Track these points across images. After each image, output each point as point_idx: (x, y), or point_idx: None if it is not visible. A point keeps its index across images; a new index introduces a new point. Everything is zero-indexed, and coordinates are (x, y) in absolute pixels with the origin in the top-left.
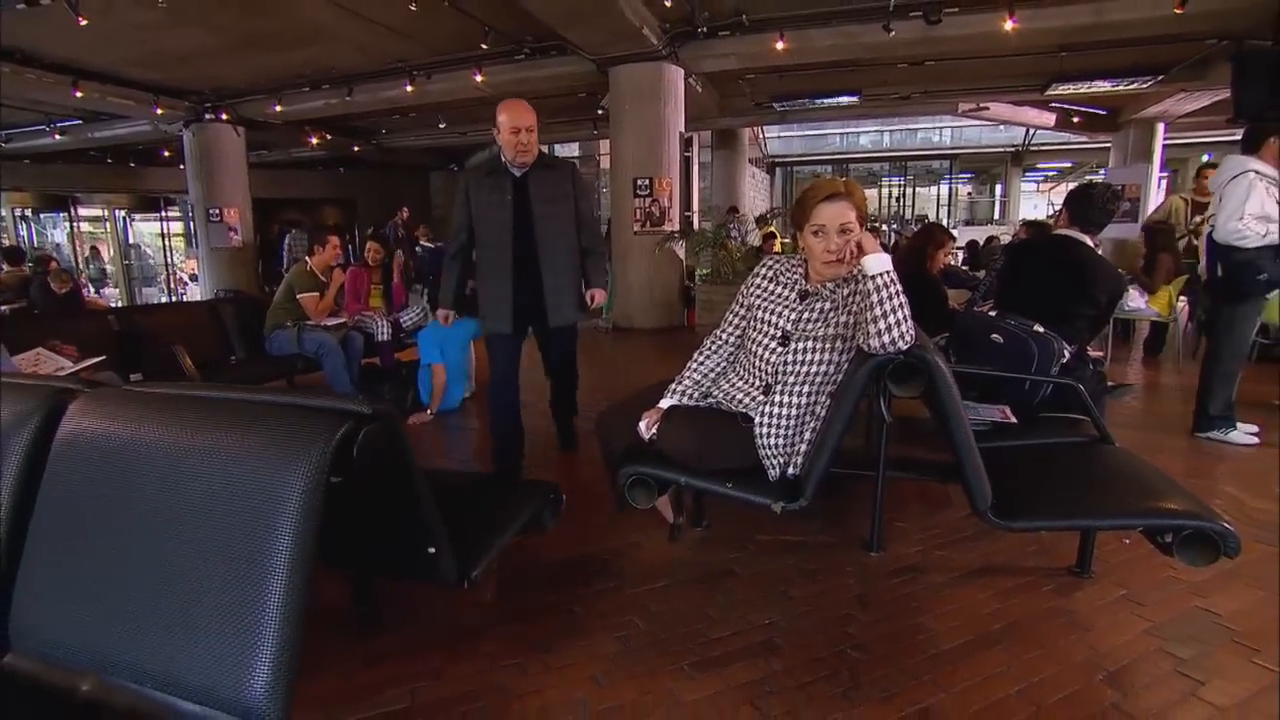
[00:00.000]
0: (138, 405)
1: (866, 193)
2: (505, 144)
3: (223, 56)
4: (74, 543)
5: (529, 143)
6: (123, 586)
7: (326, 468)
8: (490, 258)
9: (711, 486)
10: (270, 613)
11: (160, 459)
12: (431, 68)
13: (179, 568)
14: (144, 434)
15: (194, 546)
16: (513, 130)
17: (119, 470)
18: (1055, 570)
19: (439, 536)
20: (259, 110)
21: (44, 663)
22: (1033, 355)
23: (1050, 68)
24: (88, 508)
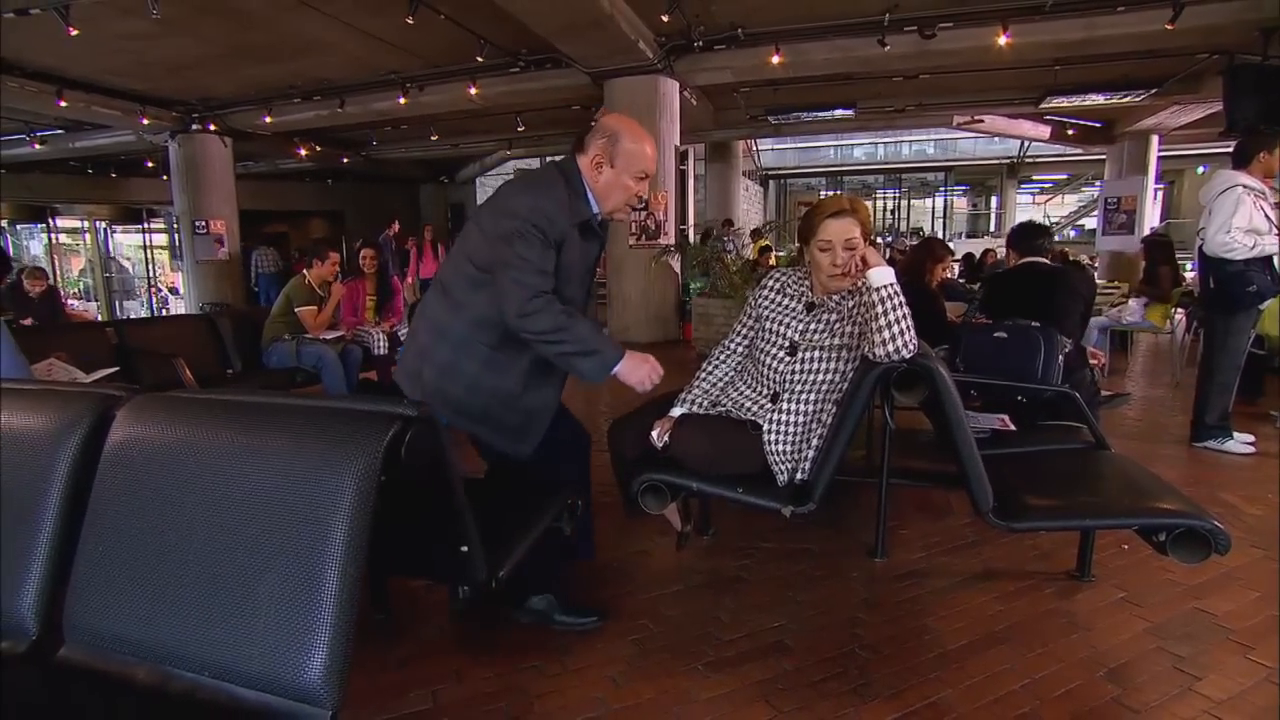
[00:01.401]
0: (186, 410)
1: None
2: (624, 195)
3: (211, 67)
4: (128, 540)
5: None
6: (177, 581)
7: (379, 467)
8: None
9: (723, 492)
10: (326, 602)
11: (212, 460)
12: (425, 80)
13: (233, 562)
14: (195, 436)
15: (248, 542)
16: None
17: (171, 470)
18: (1056, 575)
19: (472, 536)
20: (248, 121)
21: (100, 654)
22: (1037, 342)
23: (1045, 81)
24: (140, 507)
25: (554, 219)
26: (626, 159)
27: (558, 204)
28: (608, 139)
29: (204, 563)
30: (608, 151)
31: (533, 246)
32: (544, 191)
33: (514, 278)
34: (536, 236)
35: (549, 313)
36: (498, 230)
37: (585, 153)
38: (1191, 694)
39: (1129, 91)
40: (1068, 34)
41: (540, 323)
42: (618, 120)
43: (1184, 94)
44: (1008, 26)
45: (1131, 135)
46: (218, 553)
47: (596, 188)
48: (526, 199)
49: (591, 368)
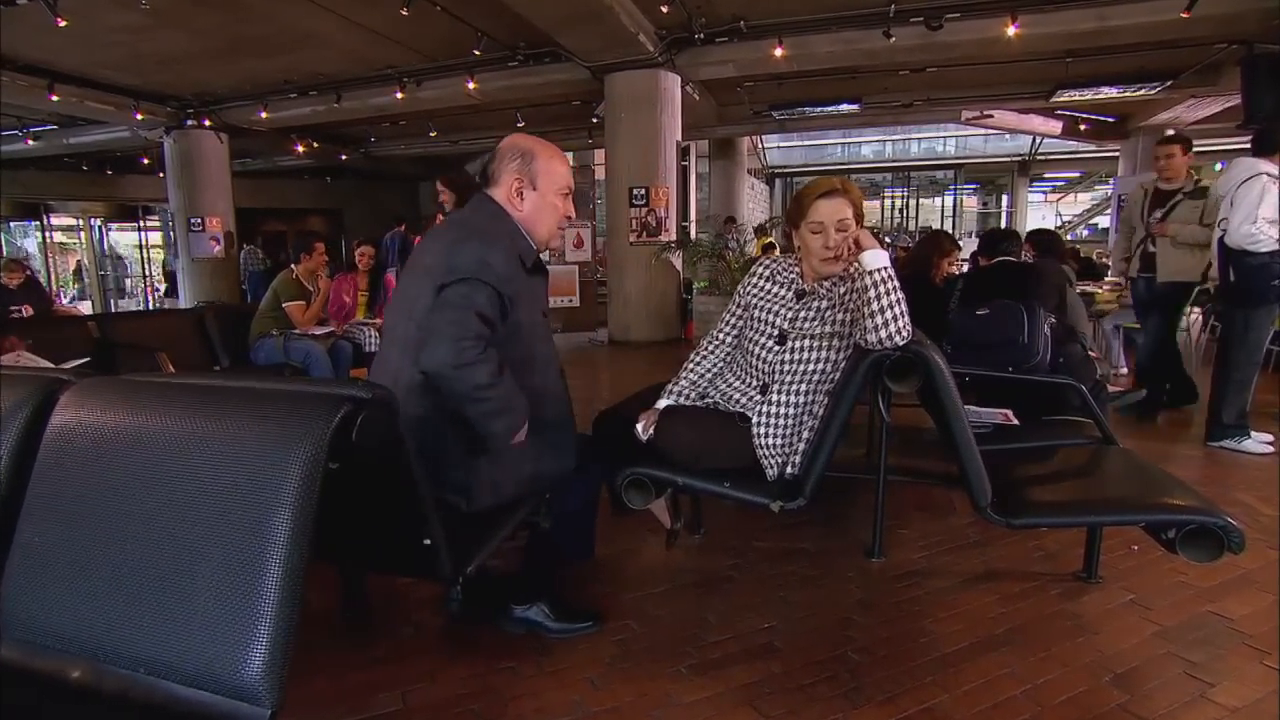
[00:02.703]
0: (131, 394)
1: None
2: (554, 216)
3: (206, 61)
4: (66, 531)
5: None
6: (116, 573)
7: (325, 451)
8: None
9: (709, 486)
10: (267, 596)
11: (154, 446)
12: (422, 74)
13: (174, 553)
14: (138, 422)
15: (190, 532)
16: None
17: (112, 458)
18: (1061, 576)
19: (435, 528)
20: (244, 117)
21: (34, 651)
22: (1019, 313)
23: (1056, 74)
24: (80, 496)
25: (506, 275)
26: (547, 177)
27: (506, 254)
28: (520, 160)
29: (143, 553)
30: (524, 173)
31: (476, 294)
32: (491, 242)
33: (452, 319)
34: (483, 287)
35: (490, 364)
36: (435, 286)
37: (498, 185)
38: (1204, 701)
39: (1143, 84)
40: (1079, 24)
41: (479, 374)
42: (521, 139)
43: (1200, 86)
44: (1016, 17)
45: (1146, 130)
46: (157, 542)
47: (523, 218)
48: (471, 253)
49: (504, 428)
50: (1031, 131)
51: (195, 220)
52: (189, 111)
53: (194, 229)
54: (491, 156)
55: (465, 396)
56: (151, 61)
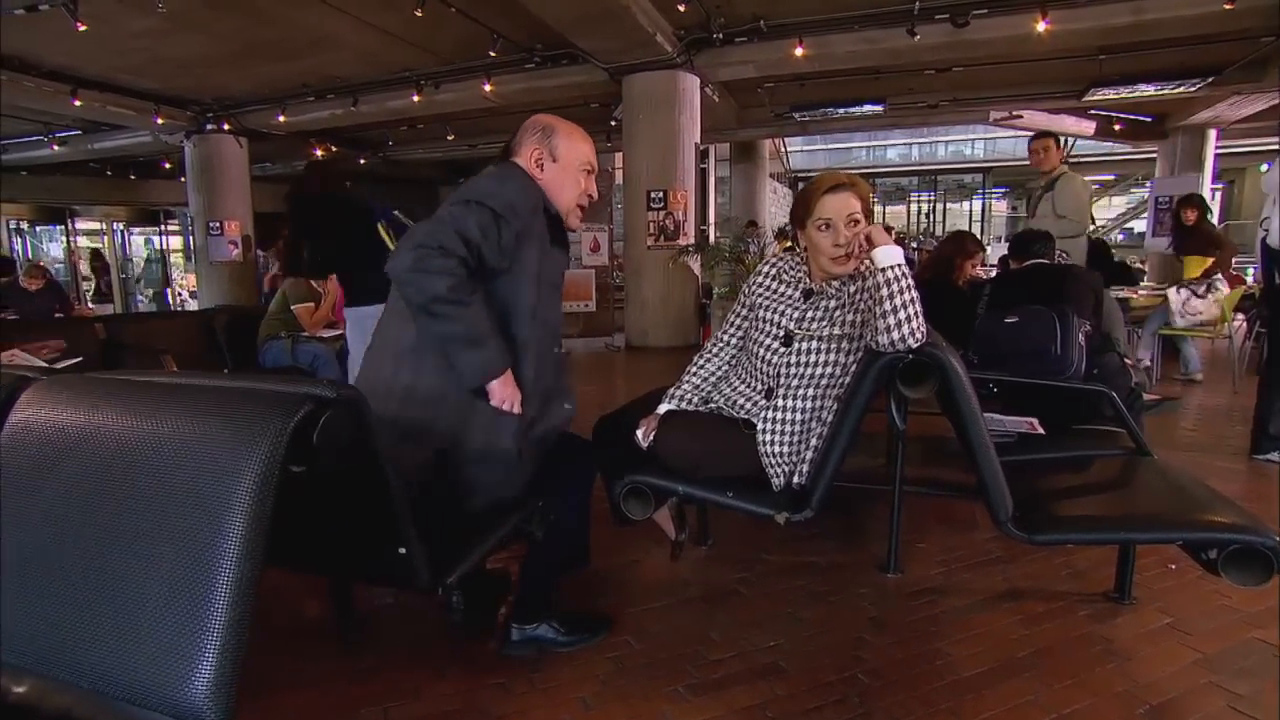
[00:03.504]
0: (92, 392)
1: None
2: (575, 190)
3: (224, 65)
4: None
5: None
6: (64, 582)
7: (281, 454)
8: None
9: (711, 496)
10: (216, 609)
11: (107, 444)
12: (439, 77)
13: (123, 562)
14: (93, 419)
15: (140, 539)
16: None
17: (62, 459)
18: (1091, 596)
19: (410, 537)
20: (262, 120)
21: None
22: (1051, 321)
23: (1088, 72)
24: (29, 499)
25: (515, 204)
26: (568, 151)
27: (519, 189)
28: (540, 133)
29: (90, 559)
30: (545, 146)
31: (468, 215)
32: (502, 178)
33: (427, 229)
34: (480, 210)
35: (453, 278)
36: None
37: (519, 155)
38: None
39: (1182, 81)
40: (1113, 19)
41: (437, 284)
42: (543, 117)
43: (1244, 82)
44: (1047, 12)
45: (1185, 130)
46: (104, 548)
47: (545, 184)
48: (482, 184)
49: (471, 363)
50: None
51: (214, 224)
52: (209, 116)
53: (213, 233)
54: (512, 134)
55: (422, 309)
56: (171, 66)
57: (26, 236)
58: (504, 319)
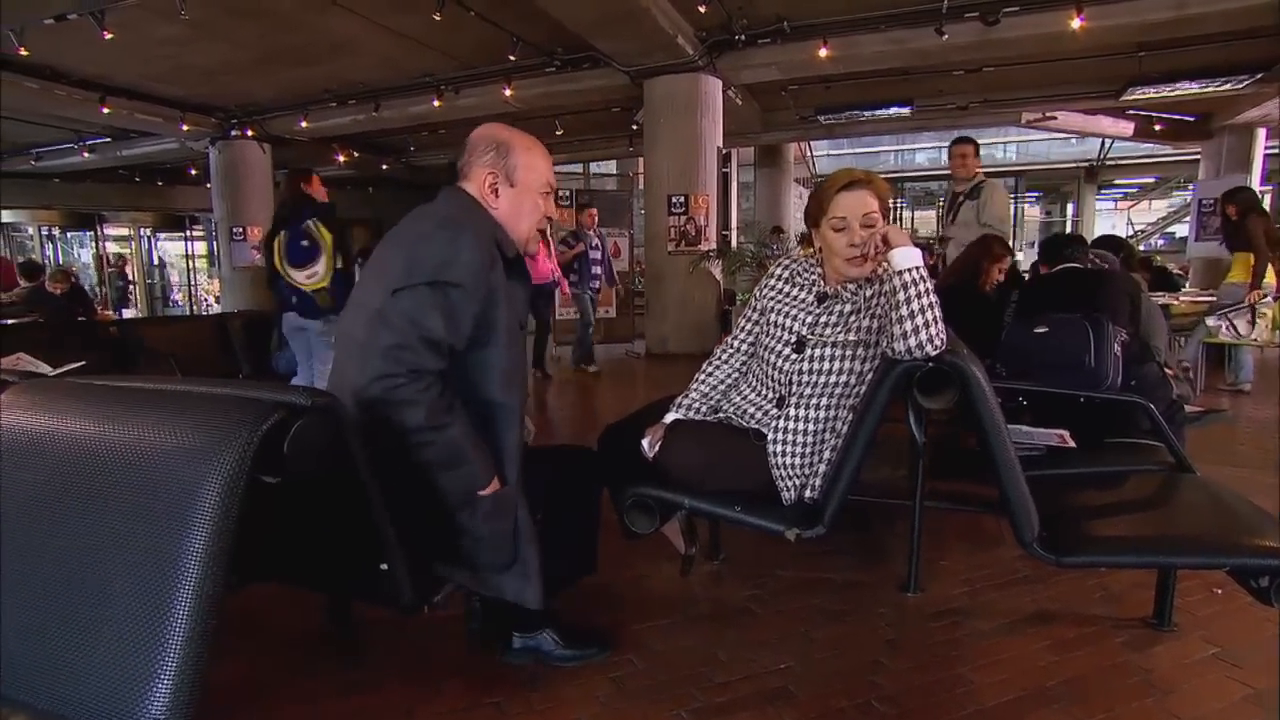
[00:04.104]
0: (64, 397)
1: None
2: (534, 216)
3: (247, 71)
4: None
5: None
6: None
7: (248, 464)
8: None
9: (718, 510)
10: (176, 622)
11: (74, 452)
12: (459, 82)
13: (83, 576)
14: (62, 426)
15: (98, 548)
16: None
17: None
18: (1127, 621)
19: (393, 552)
20: (285, 126)
21: None
22: (1084, 331)
23: (1126, 70)
24: None
25: (474, 269)
26: (526, 172)
27: (473, 245)
28: (495, 152)
29: (49, 574)
30: (501, 168)
31: (429, 308)
32: (453, 238)
33: (390, 343)
34: (438, 293)
35: (424, 404)
36: (391, 288)
37: (469, 179)
38: None
39: (1229, 78)
40: (1153, 14)
41: (409, 416)
42: (497, 129)
43: None
44: (1082, 9)
45: (1232, 129)
46: (66, 560)
47: (500, 215)
48: (433, 252)
49: (453, 482)
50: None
51: (237, 229)
52: (233, 122)
53: (236, 238)
54: (462, 149)
55: (399, 437)
56: (196, 73)
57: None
58: (477, 387)
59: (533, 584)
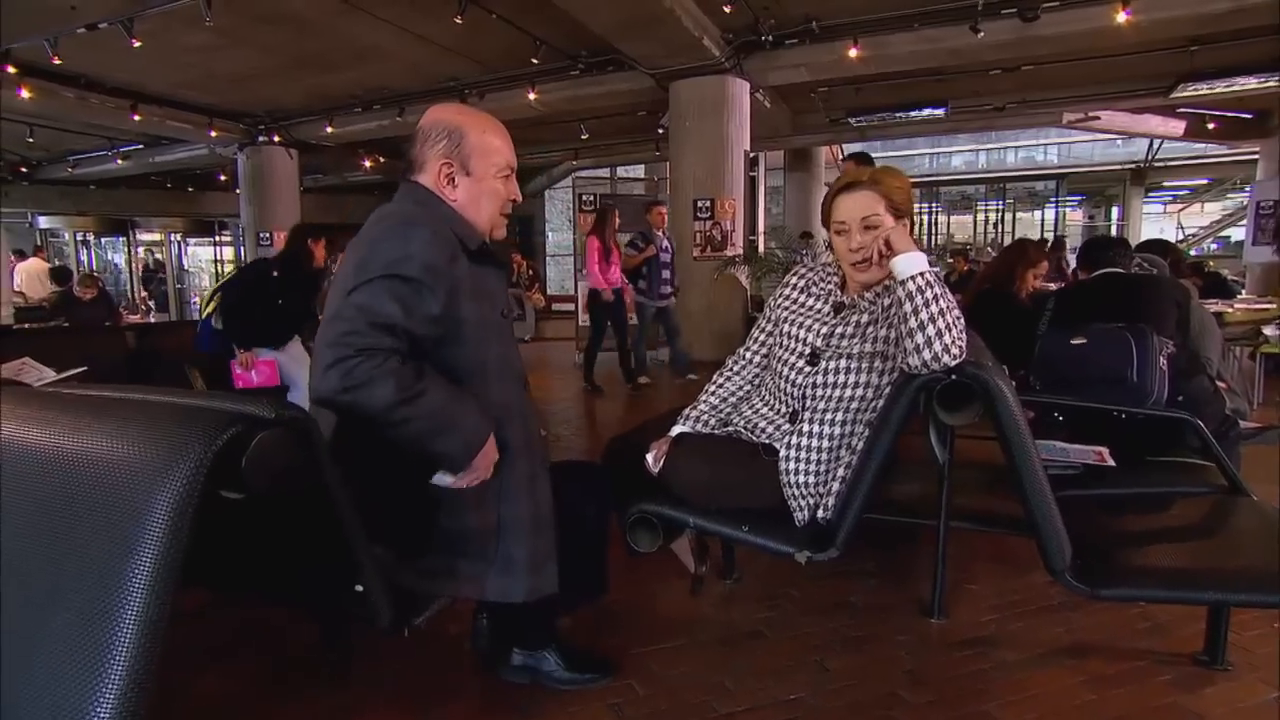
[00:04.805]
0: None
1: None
2: (495, 203)
3: (274, 77)
4: None
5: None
6: None
7: (201, 480)
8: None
9: (724, 530)
10: (118, 649)
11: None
12: (483, 86)
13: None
14: (15, 436)
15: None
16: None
17: None
18: (1174, 656)
19: (368, 573)
20: (311, 132)
21: None
22: (1126, 343)
23: (1177, 66)
24: None
25: (430, 263)
26: (483, 157)
27: (429, 239)
28: (448, 140)
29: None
30: (455, 155)
31: (379, 296)
32: (405, 232)
33: (339, 331)
34: (391, 284)
35: (391, 377)
36: (345, 289)
37: (424, 171)
38: None
39: None
40: (1207, 5)
41: (380, 393)
42: (446, 112)
43: None
44: (1129, 2)
45: None
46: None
47: (459, 206)
48: (383, 249)
49: (452, 449)
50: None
51: (264, 235)
52: (260, 128)
53: (262, 243)
54: (412, 139)
55: (381, 424)
56: (224, 80)
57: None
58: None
59: (517, 580)
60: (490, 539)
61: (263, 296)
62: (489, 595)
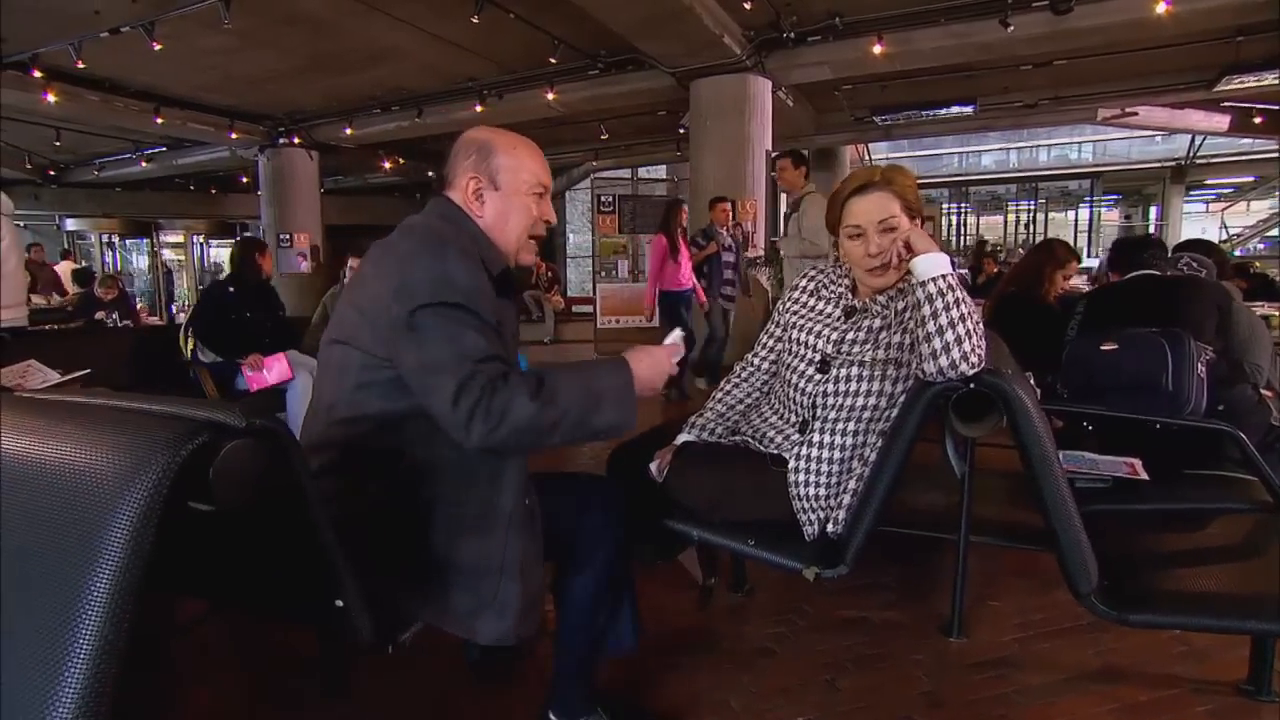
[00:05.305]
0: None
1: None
2: (525, 220)
3: (293, 79)
4: None
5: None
6: None
7: (164, 492)
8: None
9: (729, 543)
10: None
11: None
12: (502, 86)
13: None
14: None
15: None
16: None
17: None
18: (1214, 685)
19: (348, 588)
20: (331, 134)
21: None
22: (1161, 349)
23: (1221, 56)
24: None
25: (474, 287)
26: (512, 173)
27: (464, 260)
28: (477, 154)
29: None
30: (483, 170)
31: (453, 325)
32: (435, 255)
33: (455, 384)
34: (454, 313)
35: (519, 397)
36: (390, 319)
37: (453, 186)
38: None
39: None
40: None
41: (518, 417)
42: (479, 131)
43: None
44: None
45: None
46: None
47: (486, 225)
48: (420, 275)
49: (613, 418)
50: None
51: (284, 236)
52: (280, 130)
53: (283, 245)
54: (445, 156)
55: (543, 440)
56: (243, 82)
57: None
58: None
59: (508, 622)
60: (486, 577)
61: (231, 311)
62: (480, 638)
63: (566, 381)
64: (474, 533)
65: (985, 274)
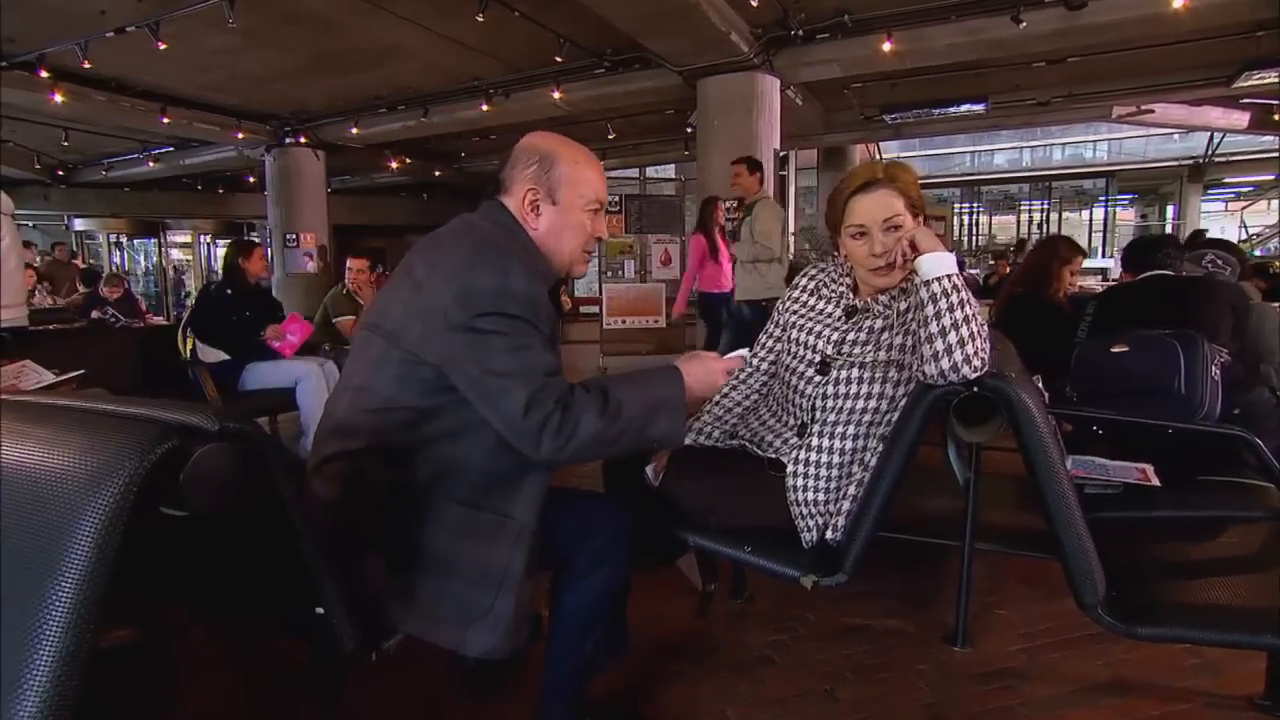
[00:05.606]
0: None
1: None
2: (579, 238)
3: (299, 78)
4: None
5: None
6: None
7: (131, 498)
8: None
9: (724, 550)
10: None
11: None
12: (508, 85)
13: None
14: None
15: None
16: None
17: None
18: (1229, 699)
19: (329, 596)
20: (337, 133)
21: None
22: (1173, 351)
23: (1240, 52)
24: None
25: (532, 300)
26: (571, 187)
27: (528, 274)
28: (538, 165)
29: None
30: (543, 182)
31: (521, 339)
32: (500, 265)
33: (524, 398)
34: (518, 326)
35: (586, 412)
36: (448, 322)
37: (510, 193)
38: None
39: None
40: None
41: (587, 432)
42: (542, 139)
43: None
44: None
45: None
46: None
47: (539, 238)
48: (484, 285)
49: (666, 428)
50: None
51: (290, 236)
52: (287, 130)
53: (289, 245)
54: (504, 160)
55: (607, 452)
56: (249, 82)
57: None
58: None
59: (499, 636)
60: (484, 588)
61: (229, 312)
62: (469, 650)
63: (628, 396)
64: (481, 539)
65: (998, 274)
